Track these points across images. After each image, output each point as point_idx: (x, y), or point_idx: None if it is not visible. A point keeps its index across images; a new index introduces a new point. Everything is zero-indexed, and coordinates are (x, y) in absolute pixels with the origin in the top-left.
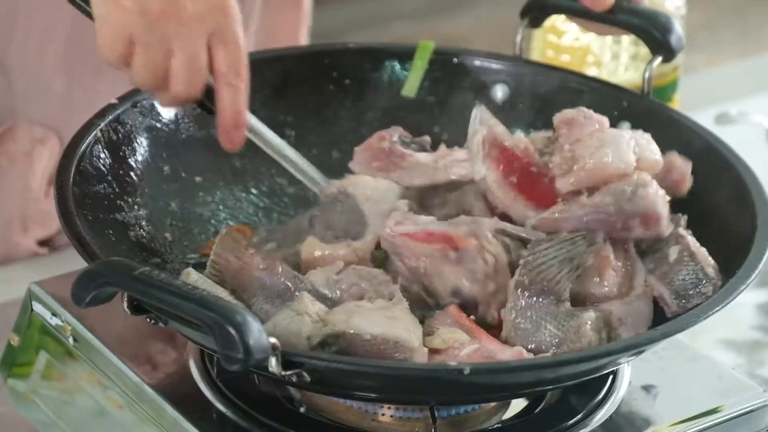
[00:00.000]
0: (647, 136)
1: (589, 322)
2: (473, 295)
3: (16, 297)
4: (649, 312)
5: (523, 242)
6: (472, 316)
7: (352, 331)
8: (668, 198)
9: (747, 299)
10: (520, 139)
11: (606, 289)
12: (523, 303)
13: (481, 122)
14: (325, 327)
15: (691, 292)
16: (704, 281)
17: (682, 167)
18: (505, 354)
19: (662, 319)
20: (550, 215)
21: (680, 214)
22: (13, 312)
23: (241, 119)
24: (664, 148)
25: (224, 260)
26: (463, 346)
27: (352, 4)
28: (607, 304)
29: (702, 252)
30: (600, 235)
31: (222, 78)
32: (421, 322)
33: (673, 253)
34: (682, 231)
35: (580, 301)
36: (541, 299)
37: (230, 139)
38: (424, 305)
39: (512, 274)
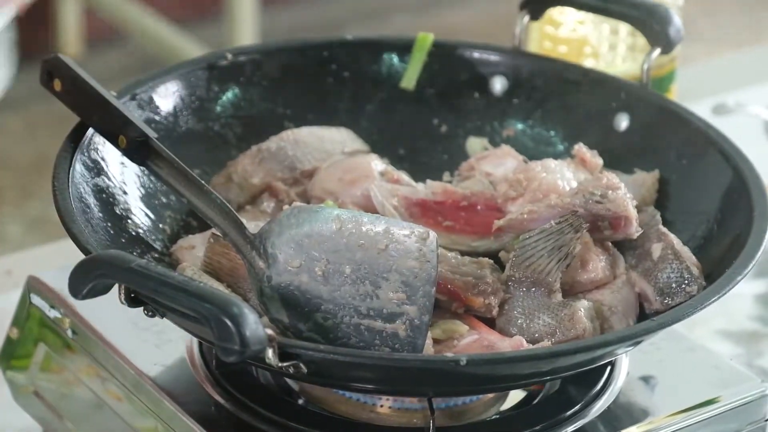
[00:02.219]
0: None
1: (583, 309)
2: None
3: (15, 289)
4: (635, 299)
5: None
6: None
7: None
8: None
9: (745, 289)
10: (432, 185)
11: (592, 274)
12: (516, 296)
13: (382, 195)
14: None
15: (675, 291)
16: (689, 280)
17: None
18: (504, 344)
19: (647, 313)
20: (518, 217)
21: (656, 211)
22: (11, 304)
23: None
24: (662, 139)
25: (216, 262)
26: (462, 337)
27: None
28: (597, 294)
29: (686, 250)
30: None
31: None
32: None
33: (656, 250)
34: (663, 228)
35: (567, 291)
36: (533, 291)
37: None
38: None
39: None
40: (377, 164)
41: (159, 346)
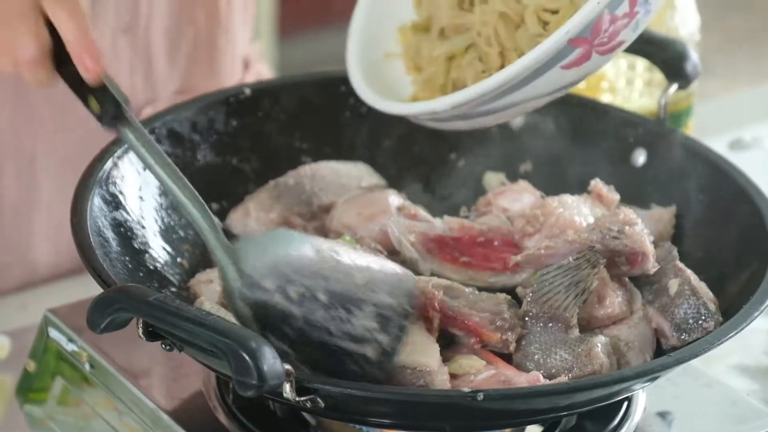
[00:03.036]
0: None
1: (600, 345)
2: None
3: (32, 323)
4: (652, 335)
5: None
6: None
7: None
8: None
9: (761, 325)
10: (449, 221)
11: (609, 310)
12: (533, 332)
13: (399, 231)
14: None
15: (692, 326)
16: (706, 316)
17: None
18: (521, 379)
19: (664, 349)
20: (535, 252)
21: (673, 246)
22: (29, 338)
23: (90, 44)
24: (679, 175)
25: None
26: (479, 372)
27: None
28: (614, 329)
29: (702, 286)
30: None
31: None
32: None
33: (673, 285)
34: (680, 264)
35: (584, 326)
36: (550, 326)
37: (86, 67)
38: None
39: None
40: (394, 199)
41: (176, 379)
